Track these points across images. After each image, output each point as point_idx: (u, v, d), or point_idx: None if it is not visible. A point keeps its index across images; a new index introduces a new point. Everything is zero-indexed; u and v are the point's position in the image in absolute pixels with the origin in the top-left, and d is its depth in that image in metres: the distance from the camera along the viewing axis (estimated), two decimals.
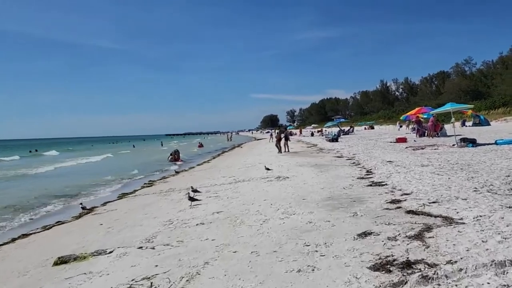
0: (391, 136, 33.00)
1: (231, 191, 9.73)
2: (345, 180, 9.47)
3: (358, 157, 15.12)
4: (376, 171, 10.60)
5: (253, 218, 6.22)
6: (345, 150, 19.93)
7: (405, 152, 15.90)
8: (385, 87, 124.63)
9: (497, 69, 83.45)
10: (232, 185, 11.07)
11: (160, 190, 12.28)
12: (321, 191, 8.06)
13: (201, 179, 13.81)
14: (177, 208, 8.29)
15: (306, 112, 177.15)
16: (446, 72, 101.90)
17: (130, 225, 7.04)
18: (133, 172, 20.84)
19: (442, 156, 13.00)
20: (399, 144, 21.16)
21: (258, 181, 11.14)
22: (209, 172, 16.70)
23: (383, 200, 6.57)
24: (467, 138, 16.71)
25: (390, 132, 44.21)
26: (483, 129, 32.61)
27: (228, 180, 12.43)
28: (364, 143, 24.16)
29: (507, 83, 72.86)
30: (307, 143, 31.67)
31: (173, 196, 10.43)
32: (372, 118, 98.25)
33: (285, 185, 9.64)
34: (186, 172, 18.29)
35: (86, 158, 35.39)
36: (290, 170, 12.97)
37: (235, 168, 16.34)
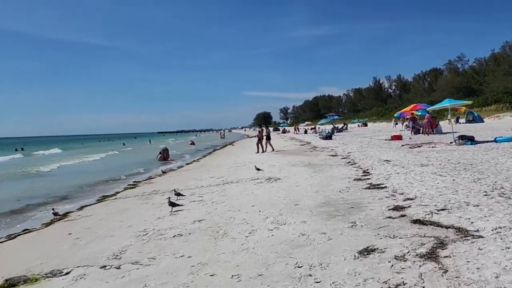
0: (385, 133, 32.46)
1: (217, 194, 8.97)
2: (341, 182, 8.75)
3: (353, 156, 14.44)
4: (373, 171, 9.91)
5: (238, 228, 5.47)
6: (339, 148, 19.26)
7: (402, 150, 15.27)
8: (378, 84, 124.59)
9: (489, 66, 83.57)
10: (219, 187, 10.31)
11: (143, 193, 11.47)
12: (315, 195, 7.33)
13: (188, 180, 13.03)
14: (157, 214, 7.51)
15: (299, 109, 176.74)
16: (438, 69, 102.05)
17: (101, 236, 6.25)
18: (119, 171, 19.98)
19: (441, 155, 12.36)
20: (395, 141, 20.55)
21: (247, 182, 10.39)
22: (198, 172, 15.91)
23: (384, 206, 5.86)
24: (465, 136, 16.11)
25: (384, 129, 43.72)
26: (478, 126, 32.17)
27: (216, 181, 11.66)
28: (358, 141, 23.53)
29: (499, 80, 72.96)
30: (300, 141, 30.99)
31: (155, 200, 9.64)
32: (365, 115, 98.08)
33: (276, 187, 8.90)
34: (173, 172, 17.48)
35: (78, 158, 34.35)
36: (282, 170, 12.24)
37: (225, 168, 15.57)
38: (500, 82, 70.60)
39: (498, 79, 73.47)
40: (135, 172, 19.33)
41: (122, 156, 35.93)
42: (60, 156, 40.17)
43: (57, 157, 36.98)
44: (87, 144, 75.17)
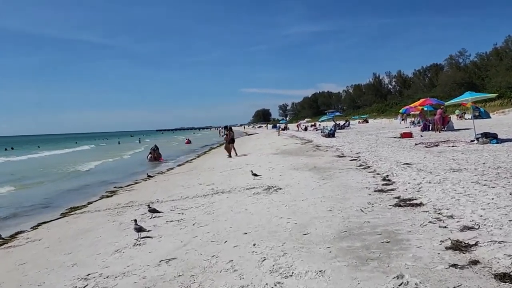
0: (390, 130, 30.59)
1: (202, 211, 7.10)
2: (358, 193, 6.89)
3: (364, 157, 12.57)
4: (395, 178, 8.04)
5: (220, 281, 3.60)
6: (345, 147, 17.39)
7: (418, 150, 13.41)
8: (378, 80, 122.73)
9: (490, 61, 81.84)
10: (207, 198, 8.44)
11: (117, 204, 9.62)
12: (329, 216, 5.47)
13: (173, 187, 11.17)
14: (118, 242, 5.65)
15: (298, 106, 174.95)
16: (439, 64, 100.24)
17: (26, 284, 4.38)
18: (103, 175, 18.16)
19: (469, 156, 10.52)
20: (406, 140, 18.69)
21: (241, 193, 8.51)
22: (187, 176, 14.04)
23: (436, 241, 4.00)
24: (489, 133, 14.26)
25: (388, 126, 41.82)
26: (485, 122, 30.32)
27: (205, 189, 9.80)
28: (364, 139, 21.66)
29: (502, 74, 71.36)
30: (301, 139, 29.10)
31: (126, 216, 7.78)
32: (365, 111, 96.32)
33: (277, 201, 7.03)
34: (161, 176, 15.60)
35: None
36: (283, 175, 10.37)
37: (218, 172, 13.70)
38: (503, 77, 68.98)
39: (501, 74, 71.89)
40: (120, 177, 17.44)
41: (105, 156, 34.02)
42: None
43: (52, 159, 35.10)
44: (80, 143, 73.16)
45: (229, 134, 19.76)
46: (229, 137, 19.70)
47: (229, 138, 19.70)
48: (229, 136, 19.72)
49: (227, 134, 19.79)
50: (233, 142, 20.23)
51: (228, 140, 19.69)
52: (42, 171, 21.58)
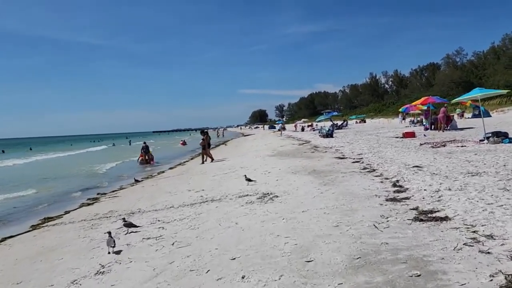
0: (390, 130, 29.72)
1: (185, 225, 6.09)
2: (368, 203, 5.91)
3: (368, 159, 11.61)
4: (408, 184, 7.07)
5: None
6: (345, 148, 16.43)
7: (425, 151, 12.46)
8: (374, 80, 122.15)
9: (487, 59, 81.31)
10: (194, 208, 7.43)
11: (95, 214, 8.59)
12: (337, 235, 4.48)
13: (159, 194, 10.15)
14: (79, 268, 4.64)
15: (295, 106, 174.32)
16: (436, 64, 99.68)
17: None
18: (92, 179, 17.12)
19: (484, 157, 9.57)
20: (409, 139, 17.76)
21: (232, 202, 7.51)
22: (177, 180, 13.02)
23: (483, 276, 3.02)
24: (500, 132, 13.34)
25: (387, 125, 40.96)
26: (489, 121, 29.51)
27: (193, 197, 8.78)
28: (364, 139, 20.72)
29: (500, 73, 70.89)
30: (299, 139, 28.14)
31: (100, 230, 6.76)
32: (362, 111, 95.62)
33: (272, 213, 6.03)
34: (149, 181, 14.55)
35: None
36: (280, 180, 9.37)
37: (210, 176, 12.68)
38: (501, 76, 68.50)
39: (499, 72, 71.42)
40: (106, 181, 16.37)
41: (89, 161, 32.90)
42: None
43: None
44: (76, 145, 71.83)
45: (205, 139, 18.64)
46: (205, 142, 18.56)
47: (205, 143, 18.55)
48: (205, 141, 18.60)
49: (203, 139, 18.64)
50: (209, 147, 19.15)
51: (204, 145, 18.55)
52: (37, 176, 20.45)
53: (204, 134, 19.15)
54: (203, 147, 18.65)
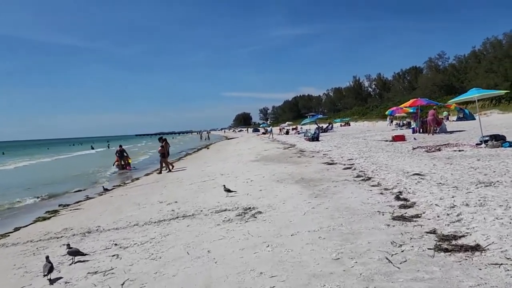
0: (377, 133, 28.96)
1: (146, 253, 4.87)
2: (371, 223, 4.82)
3: (360, 165, 10.58)
4: (414, 197, 6.02)
5: None
6: (333, 152, 15.42)
7: (420, 156, 11.52)
8: (358, 83, 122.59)
9: (469, 63, 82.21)
10: (161, 227, 6.21)
11: (46, 233, 7.27)
12: (339, 273, 3.35)
13: (127, 207, 8.87)
14: None
15: (279, 109, 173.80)
16: (418, 67, 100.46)
17: None
18: (60, 186, 15.66)
19: (489, 164, 8.64)
20: (400, 143, 16.87)
21: (207, 219, 6.32)
22: (149, 189, 11.73)
23: None
24: (498, 135, 12.52)
25: (373, 128, 40.33)
26: (472, 124, 29.11)
27: (163, 211, 7.56)
28: (352, 143, 19.78)
29: (481, 77, 71.62)
30: (283, 143, 27.09)
31: (42, 257, 5.47)
32: (346, 114, 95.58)
33: (254, 237, 4.87)
34: (119, 189, 13.18)
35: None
36: (263, 191, 8.22)
37: (186, 184, 11.46)
38: (482, 80, 69.03)
39: (480, 76, 72.15)
40: (73, 189, 14.93)
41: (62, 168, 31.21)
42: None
43: None
44: (53, 149, 69.21)
45: (164, 146, 17.39)
46: (164, 150, 17.30)
47: (164, 151, 17.29)
48: (164, 149, 17.34)
49: (162, 147, 17.38)
50: (168, 155, 17.92)
51: (162, 153, 17.29)
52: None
53: (162, 141, 17.82)
54: (161, 155, 17.33)
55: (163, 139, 18.24)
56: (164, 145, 17.49)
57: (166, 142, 17.97)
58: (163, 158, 17.34)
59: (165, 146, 17.49)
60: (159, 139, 18.43)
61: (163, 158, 17.34)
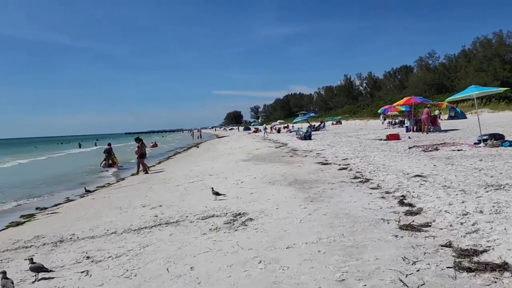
0: (370, 131, 28.56)
1: (120, 268, 4.25)
2: (377, 234, 4.28)
3: (356, 166, 10.07)
4: (419, 202, 5.49)
5: None
6: (327, 152, 14.91)
7: (418, 155, 11.05)
8: (349, 82, 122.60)
9: (459, 62, 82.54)
10: (141, 236, 5.58)
11: (15, 241, 6.58)
12: None
13: (107, 211, 8.21)
14: None
15: (270, 108, 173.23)
16: (409, 66, 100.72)
17: None
18: (39, 188, 14.89)
19: (493, 164, 8.19)
20: (394, 142, 16.43)
21: (192, 226, 5.71)
22: (134, 191, 11.07)
23: None
24: (498, 134, 12.12)
25: (365, 127, 39.99)
26: (464, 123, 28.95)
27: (145, 216, 6.93)
28: (345, 141, 19.32)
29: (471, 76, 71.92)
30: (275, 142, 26.54)
31: (7, 269, 4.82)
32: (337, 113, 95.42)
33: (245, 250, 4.29)
34: (102, 191, 12.48)
35: None
36: (255, 194, 7.65)
37: (173, 185, 10.82)
38: (472, 79, 69.28)
39: (470, 75, 72.43)
40: (53, 191, 14.18)
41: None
42: None
43: None
44: (41, 147, 67.72)
45: (140, 147, 16.60)
46: (140, 151, 16.53)
47: (140, 152, 16.53)
48: (140, 150, 16.56)
49: (139, 147, 16.58)
50: (145, 156, 17.12)
51: (139, 153, 16.53)
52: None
53: (139, 141, 16.98)
54: (139, 156, 16.55)
55: (139, 139, 17.38)
56: (141, 146, 16.67)
57: (143, 143, 17.11)
58: (140, 159, 16.54)
59: (141, 147, 16.66)
60: (136, 139, 17.56)
61: (141, 159, 16.54)
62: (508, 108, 45.62)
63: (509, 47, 67.07)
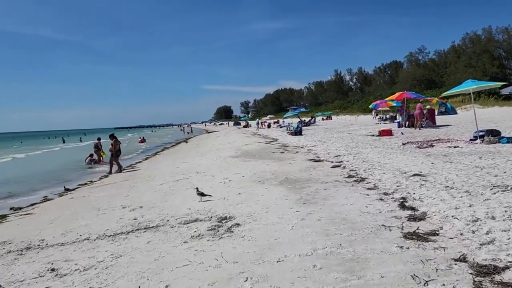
0: (361, 127, 28.20)
1: (85, 284, 3.70)
2: (379, 244, 3.79)
3: (350, 163, 9.60)
4: (422, 205, 5.02)
5: None
6: (318, 148, 14.44)
7: (413, 152, 10.64)
8: (339, 77, 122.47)
9: (448, 58, 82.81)
10: (115, 244, 5.01)
11: None
12: None
13: (84, 213, 7.59)
14: None
15: (260, 103, 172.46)
16: (399, 62, 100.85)
17: None
18: (19, 186, 14.17)
19: (495, 162, 7.79)
20: (387, 138, 16.02)
21: (173, 232, 5.17)
22: (115, 190, 10.44)
23: None
24: (495, 130, 11.77)
25: (355, 122, 39.65)
26: (455, 118, 28.78)
27: (124, 219, 6.35)
28: (337, 137, 18.88)
29: (461, 72, 72.18)
30: (265, 137, 26.04)
31: None
32: (327, 108, 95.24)
33: (230, 263, 3.76)
34: (83, 189, 11.80)
35: None
36: (243, 194, 7.12)
37: (157, 183, 10.24)
38: (462, 74, 69.56)
39: (460, 71, 72.68)
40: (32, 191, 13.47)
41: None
42: None
43: None
44: (27, 142, 66.07)
45: (114, 145, 15.85)
46: (114, 149, 15.80)
47: (114, 150, 15.80)
48: (114, 147, 15.82)
49: (112, 145, 15.83)
50: (119, 154, 16.34)
51: (113, 151, 15.79)
52: None
53: (112, 138, 16.14)
54: (111, 154, 15.79)
55: (113, 136, 16.54)
56: (114, 143, 15.89)
57: (117, 140, 16.30)
58: (114, 157, 15.76)
59: (115, 144, 15.89)
60: (110, 136, 16.68)
61: (114, 157, 15.77)
62: (497, 103, 45.76)
63: (498, 43, 67.42)
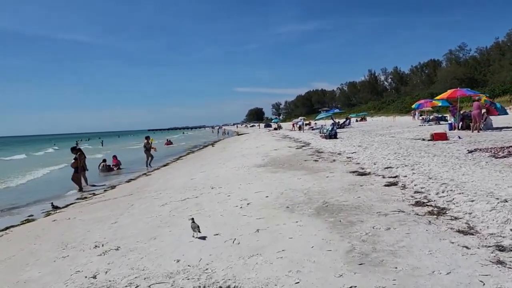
0: (404, 129, 25.19)
1: None
2: None
3: (408, 179, 7.15)
4: None
5: None
6: (360, 155, 11.91)
7: (493, 164, 8.01)
8: (373, 77, 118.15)
9: (491, 55, 77.33)
10: None
11: None
12: None
13: (44, 252, 5.58)
14: None
15: (291, 104, 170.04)
16: (437, 60, 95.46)
17: None
18: (19, 197, 12.61)
19: None
20: (444, 143, 13.26)
21: None
22: (107, 212, 8.44)
23: None
24: None
25: (395, 123, 36.42)
26: (507, 119, 25.20)
27: (85, 271, 4.24)
28: (379, 142, 16.20)
29: (506, 69, 67.04)
30: (296, 141, 23.63)
31: None
32: (361, 109, 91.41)
33: None
34: (75, 207, 9.90)
35: None
36: (262, 232, 4.83)
37: (158, 203, 8.12)
38: (507, 72, 64.51)
39: (505, 68, 67.53)
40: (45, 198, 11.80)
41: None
42: None
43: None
44: (60, 144, 66.83)
45: (79, 159, 13.42)
46: (79, 163, 13.36)
47: (79, 165, 13.35)
48: (80, 162, 13.37)
49: (76, 159, 13.41)
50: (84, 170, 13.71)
51: (75, 167, 13.38)
52: None
53: (76, 152, 13.73)
54: (75, 169, 13.35)
55: (77, 149, 14.08)
56: (79, 157, 13.48)
57: (82, 153, 13.91)
58: (76, 174, 13.28)
59: (79, 159, 13.47)
60: (71, 149, 14.16)
61: (76, 173, 13.28)
62: None
63: None
